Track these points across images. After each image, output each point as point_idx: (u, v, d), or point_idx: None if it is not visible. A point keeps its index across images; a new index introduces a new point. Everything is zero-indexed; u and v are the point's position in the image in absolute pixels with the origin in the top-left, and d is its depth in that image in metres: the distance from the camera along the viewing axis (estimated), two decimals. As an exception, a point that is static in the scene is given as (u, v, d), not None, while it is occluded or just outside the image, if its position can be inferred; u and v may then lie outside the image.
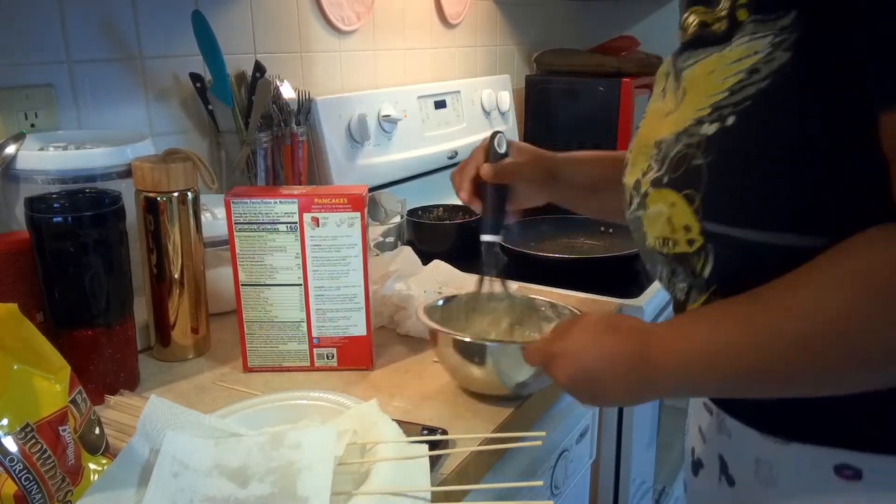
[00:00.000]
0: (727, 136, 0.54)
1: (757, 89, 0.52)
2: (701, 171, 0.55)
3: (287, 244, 0.80)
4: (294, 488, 0.56)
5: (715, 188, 0.54)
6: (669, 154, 0.59)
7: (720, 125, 0.54)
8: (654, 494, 1.31)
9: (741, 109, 0.53)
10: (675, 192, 0.57)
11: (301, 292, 0.81)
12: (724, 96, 0.55)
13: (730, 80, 0.54)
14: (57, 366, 0.59)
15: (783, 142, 0.52)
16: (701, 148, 0.55)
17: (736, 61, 0.54)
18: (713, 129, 0.55)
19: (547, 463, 0.88)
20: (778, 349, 0.52)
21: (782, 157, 0.52)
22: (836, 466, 0.57)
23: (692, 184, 0.56)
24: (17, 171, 0.85)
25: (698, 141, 0.56)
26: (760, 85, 0.52)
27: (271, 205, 0.79)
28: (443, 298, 0.86)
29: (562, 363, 0.64)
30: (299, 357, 0.84)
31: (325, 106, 1.31)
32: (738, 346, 0.54)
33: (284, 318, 0.82)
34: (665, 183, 0.59)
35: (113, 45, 1.04)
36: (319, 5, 1.36)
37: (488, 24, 1.88)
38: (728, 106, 0.54)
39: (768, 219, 0.53)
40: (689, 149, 0.56)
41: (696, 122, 0.56)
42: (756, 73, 0.53)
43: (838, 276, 0.50)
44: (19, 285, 0.74)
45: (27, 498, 0.54)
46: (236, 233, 0.80)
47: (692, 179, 0.56)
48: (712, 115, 0.55)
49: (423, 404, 0.77)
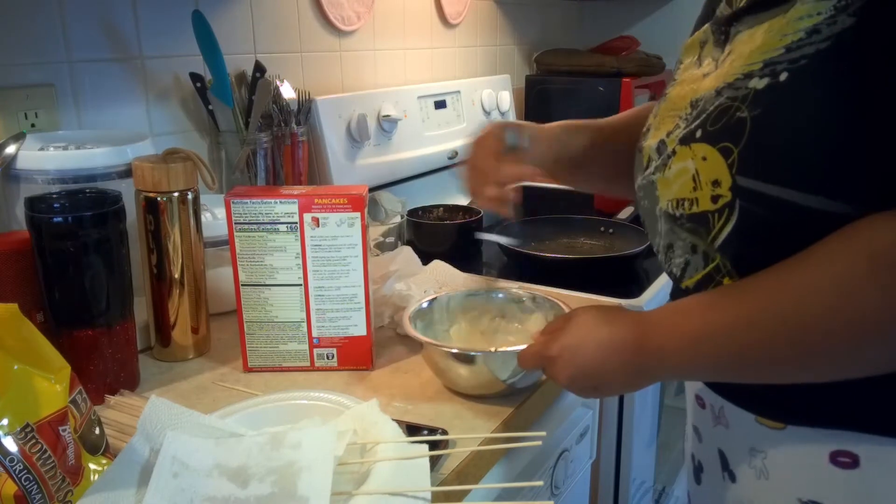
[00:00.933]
0: (777, 91, 0.53)
1: (816, 49, 0.51)
2: (744, 124, 0.54)
3: (287, 244, 0.80)
4: (294, 488, 0.56)
5: (756, 142, 0.54)
6: (707, 108, 0.58)
7: (771, 80, 0.53)
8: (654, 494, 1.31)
9: (797, 67, 0.52)
10: (709, 145, 0.57)
11: (301, 292, 0.81)
12: (779, 53, 0.54)
13: (788, 38, 0.53)
14: (57, 366, 0.59)
15: (833, 104, 0.51)
16: (747, 101, 0.54)
17: (797, 20, 0.53)
18: (763, 84, 0.54)
19: (547, 463, 0.88)
20: (774, 326, 0.52)
21: (830, 119, 0.51)
22: (832, 453, 0.57)
23: (732, 137, 0.55)
24: (17, 171, 0.85)
25: (744, 94, 0.55)
26: (820, 46, 0.51)
27: (271, 205, 0.79)
28: (427, 301, 0.86)
29: (560, 364, 0.65)
30: (299, 357, 0.84)
31: (325, 106, 1.31)
32: (735, 325, 0.54)
33: (284, 318, 0.82)
34: (698, 137, 0.58)
35: (113, 45, 1.04)
36: (319, 5, 1.36)
37: (488, 24, 1.88)
38: (783, 62, 0.53)
39: (803, 177, 0.52)
40: (734, 102, 0.55)
41: (744, 76, 0.56)
42: (817, 33, 0.51)
43: (835, 253, 0.50)
44: (19, 285, 0.74)
45: (27, 498, 0.54)
46: (236, 233, 0.80)
47: (733, 132, 0.55)
48: (764, 69, 0.54)
49: (423, 404, 0.77)
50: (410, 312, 0.83)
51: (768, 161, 0.53)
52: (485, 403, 0.77)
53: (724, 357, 0.56)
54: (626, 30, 2.18)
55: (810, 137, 0.52)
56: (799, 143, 0.52)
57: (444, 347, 0.76)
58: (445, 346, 0.76)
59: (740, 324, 0.54)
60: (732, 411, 0.64)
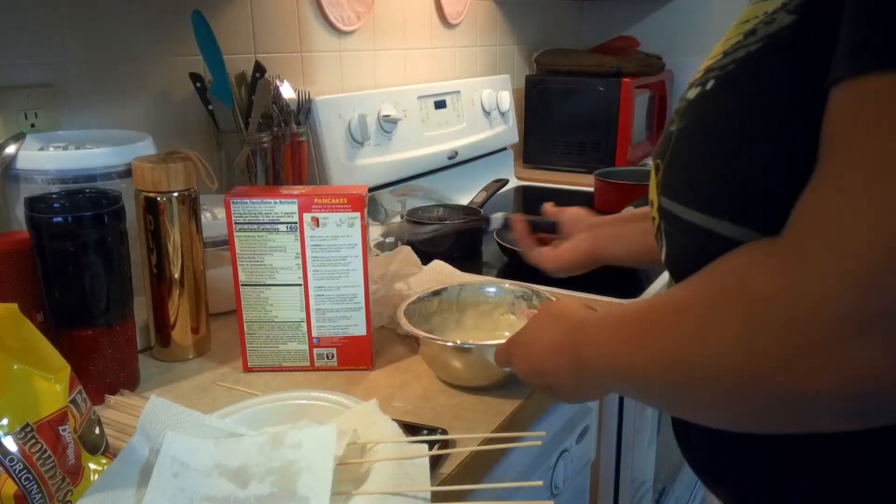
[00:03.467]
0: (700, 101, 0.48)
1: (746, 52, 0.46)
2: (671, 137, 0.51)
3: (287, 244, 0.80)
4: (294, 488, 0.56)
5: (673, 158, 0.50)
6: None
7: (701, 90, 0.49)
8: (654, 494, 1.30)
9: (723, 73, 0.47)
10: (653, 160, 0.54)
11: (301, 292, 0.81)
12: (718, 59, 0.48)
13: (731, 41, 0.48)
14: (57, 366, 0.59)
15: (744, 115, 0.45)
16: (679, 113, 0.51)
17: (744, 22, 0.48)
18: (694, 94, 0.49)
19: (547, 463, 0.88)
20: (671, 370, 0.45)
21: (738, 132, 0.45)
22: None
23: (662, 152, 0.52)
24: (17, 171, 0.85)
25: (681, 106, 0.51)
26: (750, 48, 0.45)
27: (271, 205, 0.79)
28: (432, 291, 0.89)
29: (518, 358, 0.65)
30: (299, 357, 0.84)
31: (325, 106, 1.31)
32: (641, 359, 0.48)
33: (284, 318, 0.82)
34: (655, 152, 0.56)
35: (113, 45, 1.04)
36: (319, 5, 1.36)
37: (488, 24, 1.88)
38: (715, 69, 0.48)
39: (709, 200, 0.46)
40: (674, 115, 0.52)
41: (688, 87, 0.52)
42: (752, 35, 0.46)
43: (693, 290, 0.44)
44: (19, 285, 0.74)
45: (27, 498, 0.54)
46: (236, 233, 0.80)
47: (662, 148, 0.52)
48: (702, 77, 0.50)
49: (423, 404, 0.77)
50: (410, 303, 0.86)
51: (680, 178, 0.49)
52: (485, 403, 0.77)
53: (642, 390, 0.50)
54: (626, 30, 2.18)
55: (715, 152, 0.46)
56: (704, 159, 0.47)
57: (438, 341, 0.78)
58: (440, 340, 0.78)
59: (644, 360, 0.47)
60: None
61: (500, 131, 1.81)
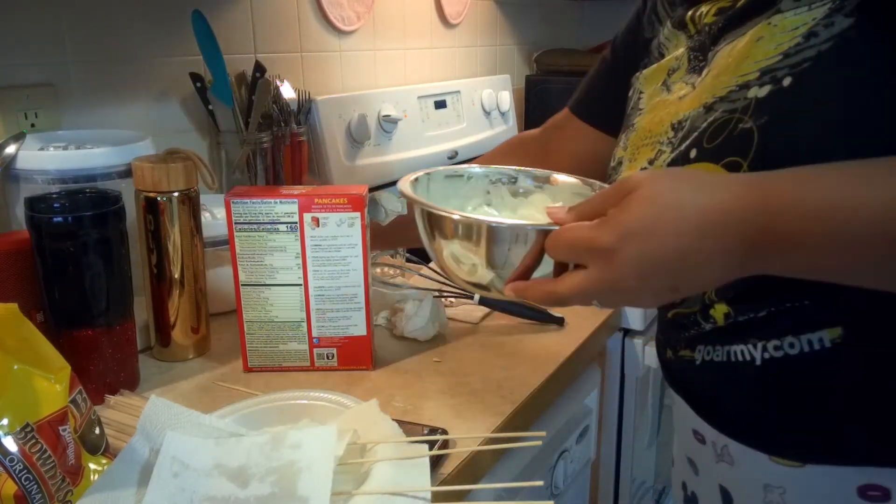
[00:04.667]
0: (782, 96, 0.51)
1: (817, 52, 0.51)
2: (751, 134, 0.52)
3: (287, 244, 0.80)
4: (294, 488, 0.56)
5: (766, 150, 0.51)
6: (699, 126, 0.56)
7: (773, 87, 0.52)
8: (654, 494, 1.31)
9: (799, 71, 0.51)
10: (710, 163, 0.54)
11: (301, 292, 0.81)
12: (776, 60, 0.52)
13: (784, 45, 0.52)
14: (57, 366, 0.59)
15: (841, 101, 0.50)
16: (748, 111, 0.53)
17: (792, 29, 0.52)
18: (765, 92, 0.52)
19: (547, 463, 0.88)
20: None
21: (839, 117, 0.50)
22: (860, 487, 0.54)
23: (737, 150, 0.53)
24: (17, 171, 0.85)
25: (744, 105, 0.53)
26: (821, 48, 0.50)
27: (271, 205, 0.79)
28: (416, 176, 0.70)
29: (623, 258, 0.45)
30: (299, 357, 0.84)
31: (325, 106, 1.31)
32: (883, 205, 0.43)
33: (284, 318, 0.82)
34: (693, 157, 0.55)
35: (113, 45, 1.04)
36: (319, 5, 1.36)
37: (488, 24, 1.88)
38: (783, 68, 0.52)
39: None
40: (733, 114, 0.54)
41: (739, 88, 0.54)
42: (814, 36, 0.51)
43: None
44: (19, 285, 0.74)
45: (27, 498, 0.54)
46: (236, 233, 0.80)
47: (738, 145, 0.53)
48: (762, 78, 0.53)
49: (423, 404, 0.77)
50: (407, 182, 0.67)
51: (784, 167, 0.49)
52: (485, 396, 0.76)
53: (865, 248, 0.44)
54: (626, 30, 2.18)
55: (819, 138, 0.50)
56: (808, 145, 0.50)
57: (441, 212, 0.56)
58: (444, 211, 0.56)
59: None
60: (739, 450, 0.61)
61: (501, 131, 1.81)
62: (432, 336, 0.91)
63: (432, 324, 0.90)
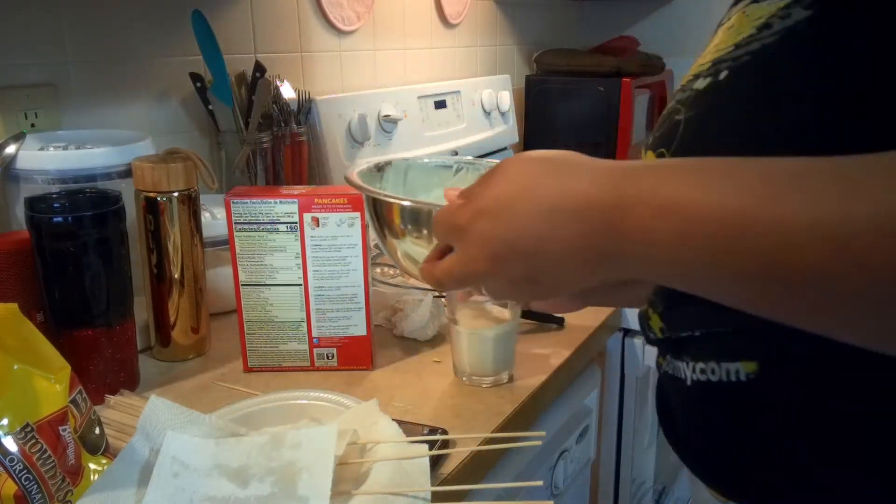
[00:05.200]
0: (713, 91, 0.48)
1: (761, 45, 0.46)
2: (678, 127, 0.49)
3: (287, 244, 0.80)
4: (294, 488, 0.56)
5: (683, 146, 0.48)
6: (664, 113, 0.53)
7: (713, 80, 0.48)
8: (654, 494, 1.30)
9: (737, 65, 0.47)
10: (651, 151, 0.52)
11: (301, 292, 0.81)
12: (728, 51, 0.48)
13: (742, 35, 0.48)
14: (57, 366, 0.59)
15: (762, 108, 0.44)
16: (686, 103, 0.50)
17: (756, 18, 0.48)
18: (704, 84, 0.49)
19: (547, 463, 0.88)
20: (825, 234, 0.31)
21: (755, 126, 0.45)
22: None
23: (666, 142, 0.50)
24: (17, 171, 0.85)
25: (687, 96, 0.50)
26: (766, 41, 0.46)
27: (271, 205, 0.79)
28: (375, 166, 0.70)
29: (476, 234, 0.43)
30: (299, 357, 0.84)
31: (325, 106, 1.31)
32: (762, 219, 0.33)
33: (284, 318, 0.82)
34: (649, 144, 0.53)
35: (113, 45, 1.04)
36: (319, 5, 1.36)
37: (488, 24, 1.88)
38: (728, 60, 0.48)
39: None
40: (678, 105, 0.51)
41: (693, 77, 0.51)
42: (767, 28, 0.46)
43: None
44: (19, 285, 0.74)
45: (27, 498, 0.54)
46: (236, 233, 0.80)
47: (668, 137, 0.50)
48: (710, 69, 0.49)
49: (423, 404, 0.77)
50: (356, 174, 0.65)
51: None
52: (485, 396, 0.76)
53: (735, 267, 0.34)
54: (626, 30, 2.18)
55: (728, 145, 0.44)
56: (725, 146, 0.44)
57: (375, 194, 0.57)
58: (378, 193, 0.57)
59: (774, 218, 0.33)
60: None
61: (501, 131, 1.81)
62: (432, 336, 0.91)
63: (432, 324, 0.90)
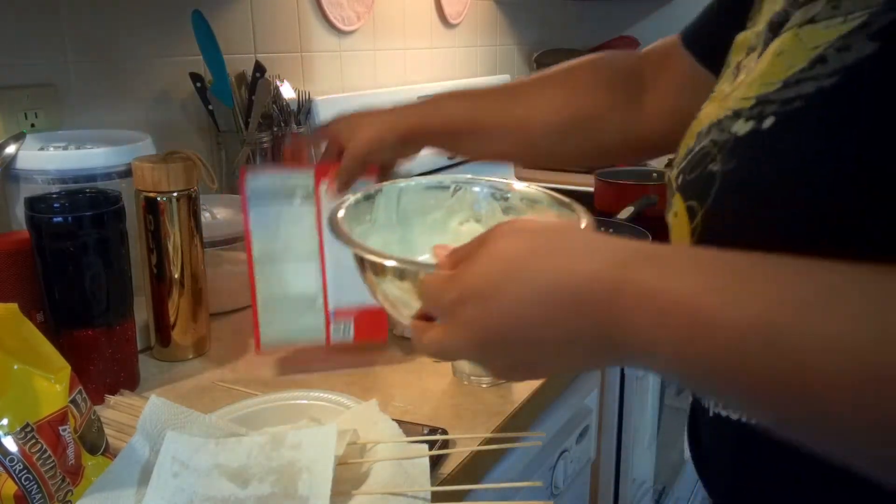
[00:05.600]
0: (757, 141, 0.39)
1: (816, 88, 0.37)
2: (713, 179, 0.41)
3: (303, 215, 0.79)
4: (294, 488, 0.56)
5: (720, 206, 0.41)
6: (694, 149, 0.45)
7: (755, 124, 0.40)
8: (654, 494, 1.31)
9: (786, 111, 0.38)
10: (682, 199, 0.44)
11: (317, 265, 0.80)
12: (775, 87, 0.39)
13: (793, 69, 0.39)
14: (57, 366, 0.59)
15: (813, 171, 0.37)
16: (724, 149, 0.41)
17: (812, 48, 0.38)
18: (746, 129, 0.40)
19: (547, 463, 0.88)
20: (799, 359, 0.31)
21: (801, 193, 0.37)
22: None
23: (700, 193, 0.42)
24: (17, 171, 0.85)
25: (725, 139, 0.42)
26: (822, 83, 0.37)
27: (286, 178, 0.78)
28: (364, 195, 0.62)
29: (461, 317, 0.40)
30: (314, 331, 0.82)
31: (325, 106, 1.31)
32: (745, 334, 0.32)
33: (300, 292, 0.81)
34: (676, 187, 0.46)
35: (113, 45, 1.04)
36: (319, 5, 1.36)
37: (488, 24, 1.88)
38: (774, 102, 0.39)
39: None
40: (713, 147, 0.43)
41: (733, 114, 0.42)
42: (822, 64, 0.37)
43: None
44: (19, 285, 0.74)
45: (27, 498, 0.54)
46: (251, 206, 0.79)
47: (701, 188, 0.42)
48: (753, 109, 0.40)
49: (423, 404, 0.77)
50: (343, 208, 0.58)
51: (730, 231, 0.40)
52: (485, 396, 0.76)
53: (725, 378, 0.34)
54: (626, 30, 2.18)
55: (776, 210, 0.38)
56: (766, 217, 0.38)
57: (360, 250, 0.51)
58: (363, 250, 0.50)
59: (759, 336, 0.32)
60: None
61: (500, 131, 1.81)
62: (432, 336, 0.91)
63: (432, 324, 0.90)
